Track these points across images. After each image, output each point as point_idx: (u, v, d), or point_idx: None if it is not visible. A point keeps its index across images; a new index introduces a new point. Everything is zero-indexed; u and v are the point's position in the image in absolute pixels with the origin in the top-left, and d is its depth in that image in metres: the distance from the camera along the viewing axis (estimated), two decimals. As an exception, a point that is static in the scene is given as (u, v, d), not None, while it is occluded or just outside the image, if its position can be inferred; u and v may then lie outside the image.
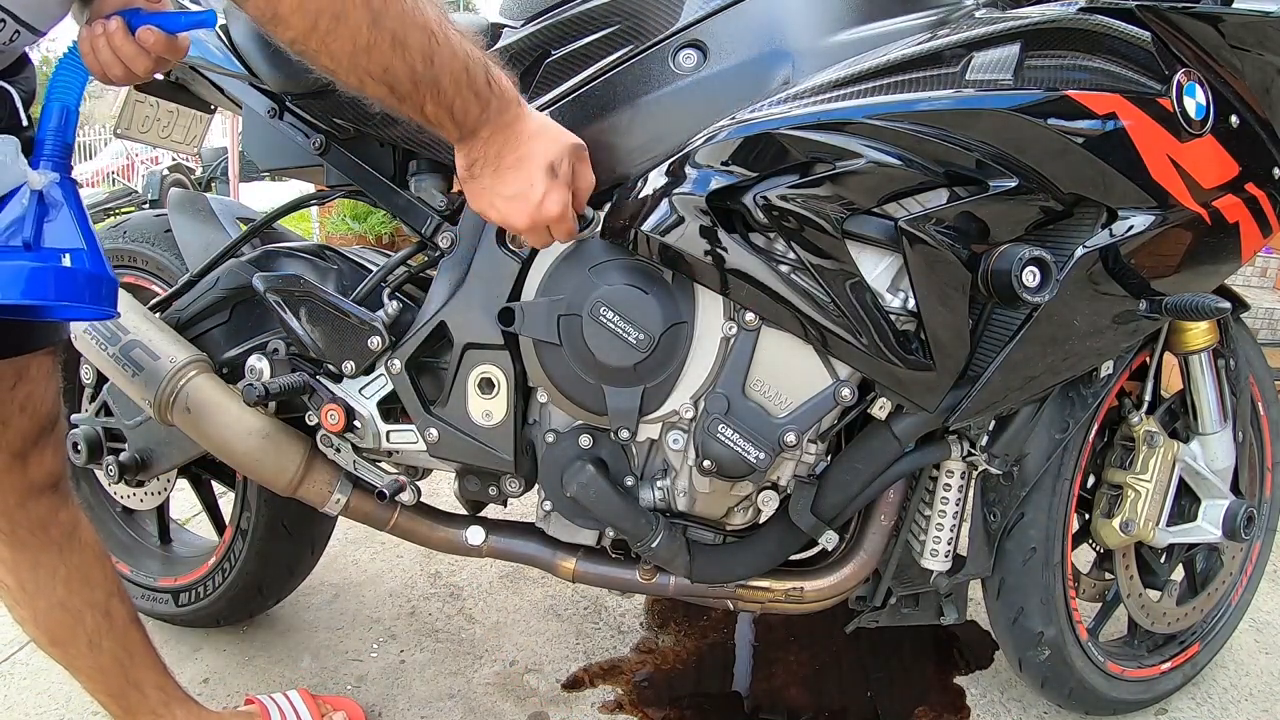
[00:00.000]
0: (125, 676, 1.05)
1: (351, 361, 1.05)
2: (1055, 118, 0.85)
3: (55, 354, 0.95)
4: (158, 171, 8.24)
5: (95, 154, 10.13)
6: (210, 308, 1.17)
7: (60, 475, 0.99)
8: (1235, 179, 0.98)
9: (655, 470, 1.05)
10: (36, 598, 0.98)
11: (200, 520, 1.72)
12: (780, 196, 0.85)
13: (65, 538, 0.99)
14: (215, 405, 1.08)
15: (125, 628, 1.05)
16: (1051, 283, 0.84)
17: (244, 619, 1.52)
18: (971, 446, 1.05)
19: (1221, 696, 1.43)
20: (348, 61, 0.70)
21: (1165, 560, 1.34)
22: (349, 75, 0.72)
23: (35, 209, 0.71)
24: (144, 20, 0.78)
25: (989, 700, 1.39)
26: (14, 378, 0.89)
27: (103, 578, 1.03)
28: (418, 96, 0.75)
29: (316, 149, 1.09)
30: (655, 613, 1.62)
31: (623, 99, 0.94)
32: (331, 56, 0.70)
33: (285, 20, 0.67)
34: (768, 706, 1.37)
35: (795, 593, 1.10)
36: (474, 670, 1.44)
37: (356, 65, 0.71)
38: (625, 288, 0.93)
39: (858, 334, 0.88)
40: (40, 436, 0.94)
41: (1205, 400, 1.23)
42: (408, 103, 0.75)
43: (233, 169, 6.57)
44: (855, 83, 0.86)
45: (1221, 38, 0.95)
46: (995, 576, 1.21)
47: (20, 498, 0.94)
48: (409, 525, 1.16)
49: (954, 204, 0.85)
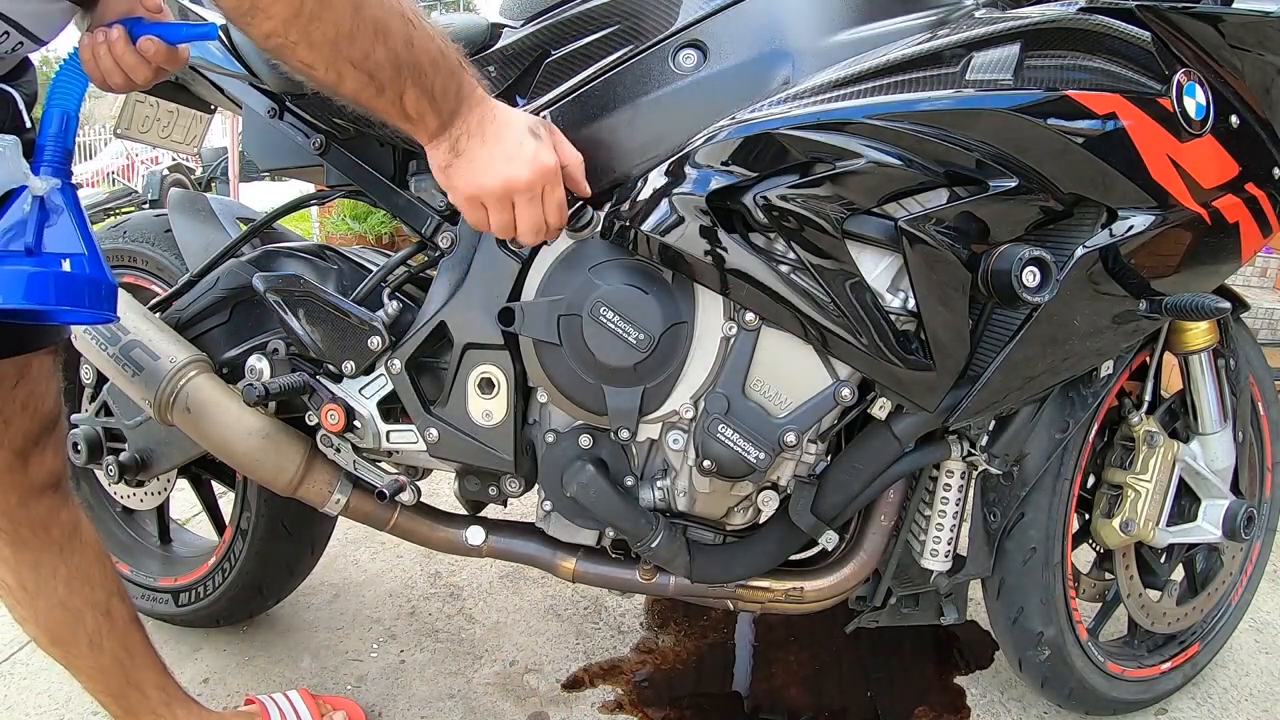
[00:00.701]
0: (126, 677, 1.05)
1: (351, 361, 1.05)
2: (1055, 118, 0.85)
3: (56, 353, 0.95)
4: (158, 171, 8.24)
5: (95, 154, 10.12)
6: (210, 308, 1.17)
7: (61, 475, 0.99)
8: (1235, 179, 0.98)
9: (655, 470, 1.05)
10: (37, 597, 0.98)
11: (200, 520, 1.72)
12: (780, 196, 0.85)
13: (66, 537, 0.99)
14: (215, 405, 1.08)
15: (126, 628, 1.05)
16: (1051, 283, 0.84)
17: (244, 619, 1.52)
18: (971, 446, 1.05)
19: (1221, 696, 1.43)
20: (329, 51, 0.68)
21: (1165, 560, 1.34)
22: (328, 67, 0.70)
23: (36, 214, 0.71)
24: (145, 30, 0.78)
25: (989, 700, 1.39)
26: (16, 376, 0.89)
27: (103, 578, 1.03)
28: (399, 83, 0.73)
29: (316, 149, 1.09)
30: (655, 613, 1.62)
31: (622, 99, 0.94)
32: (312, 46, 0.68)
33: (265, 9, 0.65)
34: (768, 706, 1.37)
35: (795, 593, 1.10)
36: (474, 670, 1.44)
37: (338, 54, 0.69)
38: (625, 288, 0.93)
39: (858, 334, 0.88)
40: (41, 436, 0.94)
41: (1205, 400, 1.23)
42: (388, 92, 0.73)
43: (233, 169, 6.56)
44: (855, 83, 0.86)
45: (1221, 38, 0.95)
46: (995, 576, 1.21)
47: (22, 497, 0.94)
48: (409, 525, 1.16)
49: (954, 204, 0.85)
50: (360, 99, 0.74)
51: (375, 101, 0.74)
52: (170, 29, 0.79)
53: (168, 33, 0.79)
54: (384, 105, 0.75)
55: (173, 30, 0.80)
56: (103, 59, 0.78)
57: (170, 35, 0.79)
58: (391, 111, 0.76)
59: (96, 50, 0.78)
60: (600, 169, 0.92)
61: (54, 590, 0.99)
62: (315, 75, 0.71)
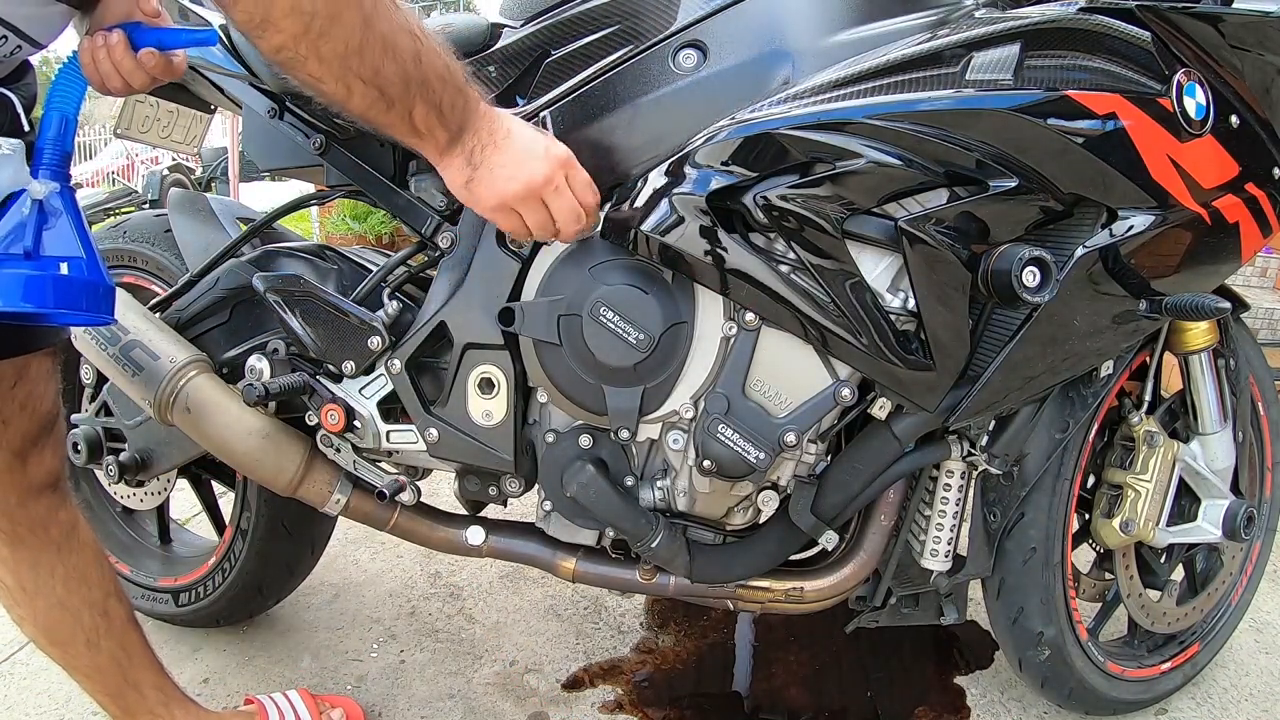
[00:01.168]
0: (123, 676, 1.05)
1: (351, 361, 1.05)
2: (1055, 118, 0.85)
3: (55, 354, 0.95)
4: (158, 171, 8.23)
5: (95, 154, 10.11)
6: (210, 308, 1.17)
7: (60, 475, 0.99)
8: (1235, 179, 0.98)
9: (655, 470, 1.05)
10: (35, 597, 0.99)
11: (200, 520, 1.72)
12: (780, 196, 0.85)
13: (64, 537, 0.99)
14: (215, 405, 1.08)
15: (123, 628, 1.05)
16: (1051, 283, 0.84)
17: (244, 619, 1.52)
18: (971, 446, 1.05)
19: (1221, 696, 1.43)
20: (338, 65, 0.69)
21: (1165, 560, 1.34)
22: (337, 81, 0.70)
23: (35, 217, 0.72)
24: (145, 36, 0.78)
25: (989, 700, 1.39)
26: (14, 377, 0.89)
27: (100, 577, 1.03)
28: (408, 99, 0.73)
29: (316, 149, 1.09)
30: (655, 613, 1.62)
31: (623, 99, 0.94)
32: (321, 60, 0.68)
33: (276, 24, 0.65)
34: (768, 706, 1.37)
35: (795, 593, 1.10)
36: (474, 670, 1.44)
37: (347, 69, 0.69)
38: (625, 288, 0.93)
39: (858, 334, 0.88)
40: (40, 436, 0.94)
41: (1205, 400, 1.23)
42: (397, 107, 0.73)
43: (233, 169, 6.56)
44: (855, 83, 0.86)
45: (1221, 38, 0.95)
46: (995, 576, 1.21)
47: (20, 497, 0.94)
48: (409, 525, 1.16)
49: (954, 204, 0.85)
50: (369, 115, 0.74)
51: (384, 117, 0.74)
52: (169, 34, 0.79)
53: (167, 38, 0.79)
54: (393, 120, 0.75)
55: (171, 36, 0.80)
56: (101, 63, 0.78)
57: (169, 40, 0.79)
58: (400, 127, 0.76)
59: (95, 54, 0.78)
60: (600, 169, 0.92)
61: (52, 589, 0.99)
62: (324, 90, 0.71)
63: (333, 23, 0.66)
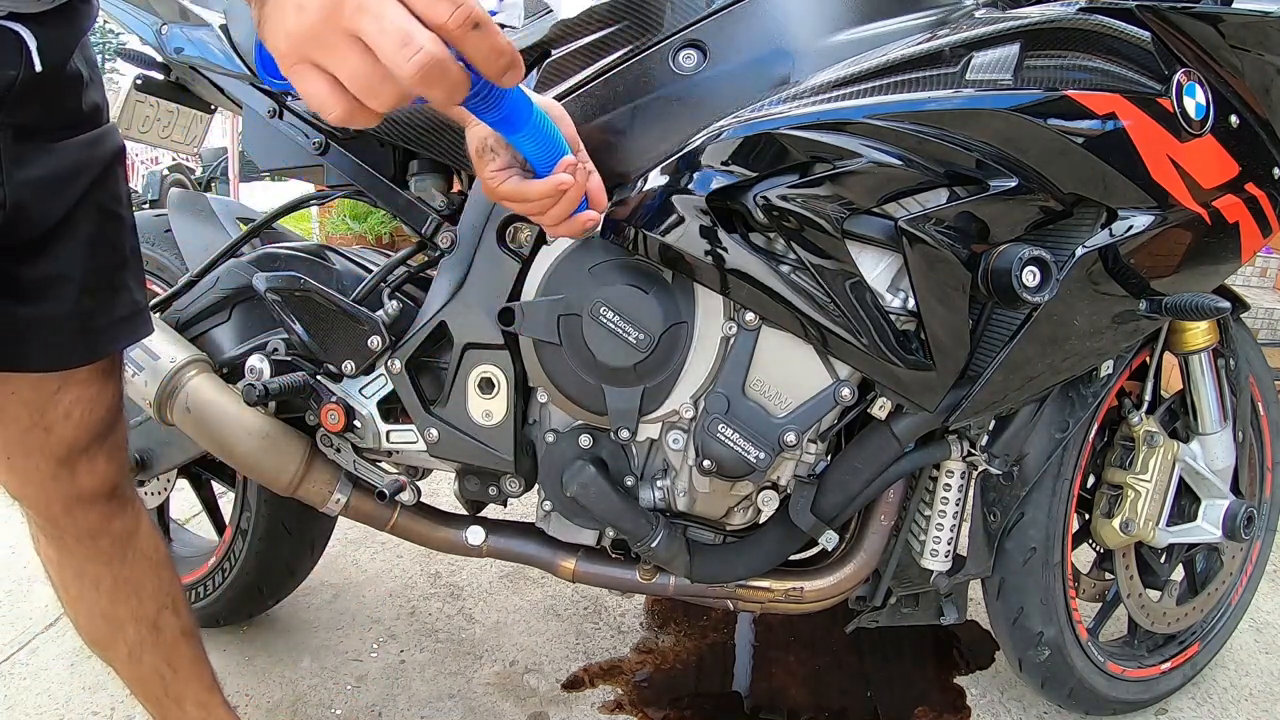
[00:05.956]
0: (165, 690, 1.00)
1: (351, 361, 1.05)
2: (1055, 118, 0.85)
3: (115, 360, 0.90)
4: (158, 171, 8.23)
5: (95, 154, 10.09)
6: (210, 308, 1.17)
7: (117, 484, 0.93)
8: (1235, 179, 0.98)
9: (655, 470, 1.05)
10: (78, 602, 0.96)
11: (200, 520, 1.72)
12: (780, 196, 0.85)
13: (116, 548, 0.94)
14: (215, 405, 1.08)
15: (175, 641, 1.00)
16: (1051, 283, 0.84)
17: (244, 619, 1.52)
18: (971, 446, 1.05)
19: (1221, 696, 1.43)
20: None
21: (1165, 560, 1.34)
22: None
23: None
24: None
25: (989, 700, 1.39)
26: (57, 384, 0.84)
27: (156, 590, 0.98)
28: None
29: (316, 149, 1.09)
30: (655, 613, 1.62)
31: (623, 99, 0.93)
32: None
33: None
34: (768, 706, 1.37)
35: (795, 593, 1.10)
36: (474, 670, 1.44)
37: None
38: (625, 288, 0.93)
39: (858, 334, 0.88)
40: (91, 444, 0.89)
41: (1205, 400, 1.23)
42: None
43: (233, 169, 6.56)
44: (855, 83, 0.85)
45: (1221, 38, 0.95)
46: (995, 576, 1.21)
47: (66, 505, 0.89)
48: (409, 525, 1.16)
49: (954, 204, 0.85)
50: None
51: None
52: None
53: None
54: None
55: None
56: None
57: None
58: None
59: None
60: (601, 169, 0.91)
61: (95, 601, 0.95)
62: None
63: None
